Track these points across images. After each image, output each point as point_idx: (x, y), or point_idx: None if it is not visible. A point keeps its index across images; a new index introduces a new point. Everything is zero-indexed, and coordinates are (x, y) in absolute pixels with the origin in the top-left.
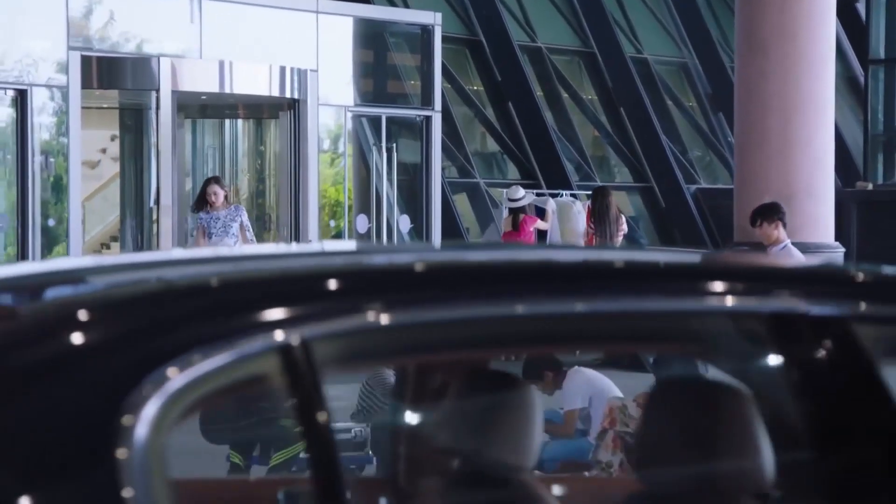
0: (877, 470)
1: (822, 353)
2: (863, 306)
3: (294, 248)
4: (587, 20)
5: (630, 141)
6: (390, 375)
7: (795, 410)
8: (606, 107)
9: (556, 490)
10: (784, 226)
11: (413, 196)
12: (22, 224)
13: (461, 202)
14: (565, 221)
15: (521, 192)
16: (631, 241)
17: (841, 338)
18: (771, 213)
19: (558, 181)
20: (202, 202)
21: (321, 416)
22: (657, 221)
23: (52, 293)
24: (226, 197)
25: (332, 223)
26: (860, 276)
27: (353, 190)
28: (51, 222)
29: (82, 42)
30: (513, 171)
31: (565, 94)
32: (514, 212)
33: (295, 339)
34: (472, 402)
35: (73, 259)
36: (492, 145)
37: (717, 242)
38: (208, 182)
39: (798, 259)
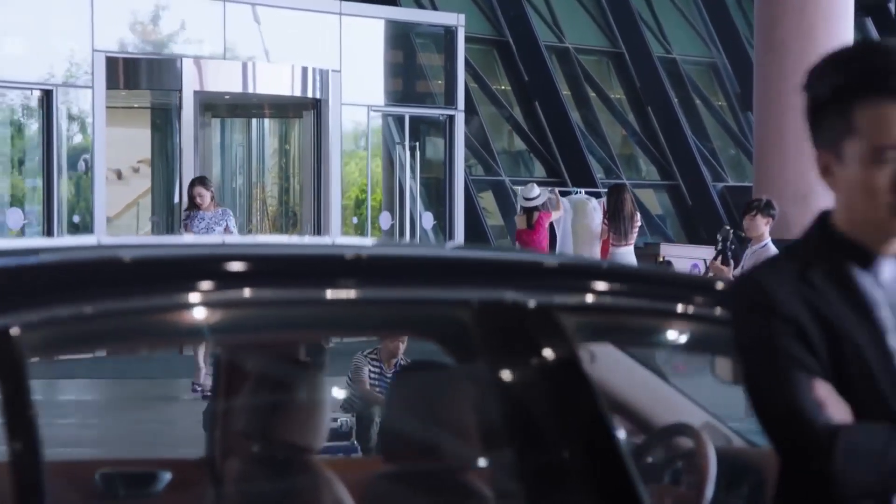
0: (574, 453)
1: (526, 339)
2: (571, 296)
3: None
4: (615, 20)
5: (657, 139)
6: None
7: (506, 392)
8: (634, 106)
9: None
10: (771, 223)
11: (437, 194)
12: (48, 220)
13: (487, 200)
14: (581, 218)
15: (535, 190)
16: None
17: (545, 325)
18: (767, 208)
19: (583, 179)
20: (190, 203)
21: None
22: (683, 219)
23: None
24: (212, 198)
25: (355, 220)
26: (567, 267)
27: (377, 187)
28: (76, 219)
29: (107, 43)
30: (539, 170)
31: (592, 94)
32: (529, 210)
33: None
34: (268, 388)
35: None
36: (518, 144)
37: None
38: (193, 183)
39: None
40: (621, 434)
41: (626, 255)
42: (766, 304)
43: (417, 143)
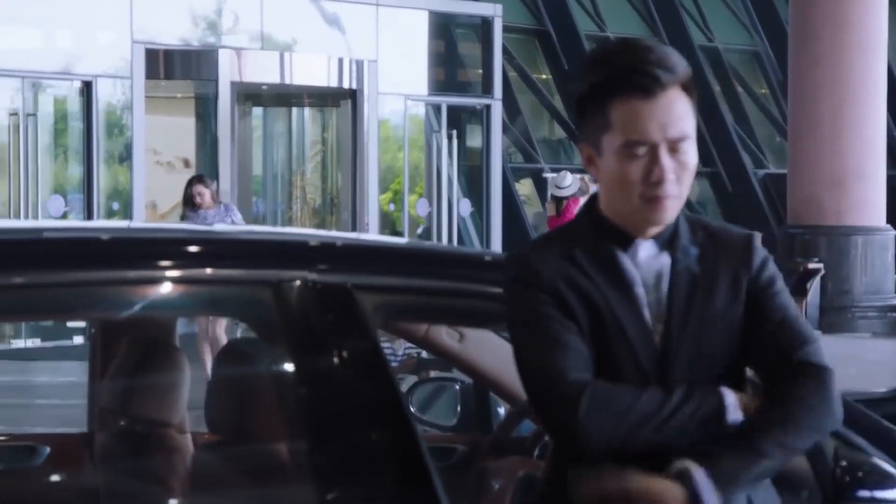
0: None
1: (324, 318)
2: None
3: None
4: (657, 9)
5: (697, 127)
6: None
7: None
8: None
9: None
10: None
11: (474, 181)
12: (88, 209)
13: (526, 187)
14: None
15: (568, 179)
16: None
17: (342, 305)
18: None
19: None
20: (190, 202)
21: None
22: (723, 206)
23: None
24: (212, 196)
25: (392, 207)
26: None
27: (415, 175)
28: (115, 206)
29: (146, 34)
30: (578, 158)
31: None
32: (559, 198)
33: None
34: (130, 366)
35: None
36: (558, 132)
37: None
38: (191, 182)
39: None
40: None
41: None
42: (532, 279)
43: (455, 132)
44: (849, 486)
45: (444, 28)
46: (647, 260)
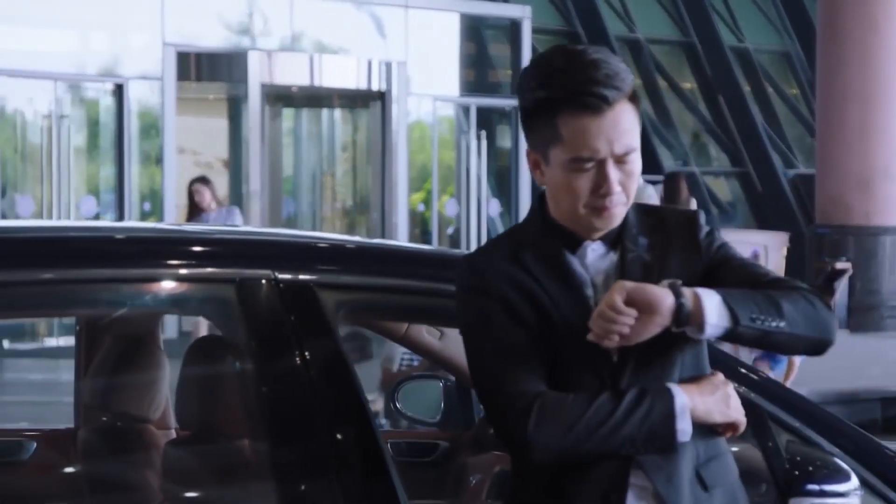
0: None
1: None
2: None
3: None
4: (687, 10)
5: (727, 128)
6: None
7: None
8: (705, 95)
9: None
10: None
11: (504, 182)
12: (120, 209)
13: None
14: None
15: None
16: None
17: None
18: None
19: (651, 167)
20: (191, 205)
21: None
22: (753, 205)
23: None
24: (214, 198)
25: (422, 207)
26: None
27: (444, 176)
28: (146, 206)
29: (177, 37)
30: None
31: (663, 83)
32: None
33: None
34: (111, 364)
35: None
36: None
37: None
38: (192, 182)
39: None
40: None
41: None
42: (479, 286)
43: (484, 133)
44: (798, 479)
45: (474, 30)
46: (595, 261)
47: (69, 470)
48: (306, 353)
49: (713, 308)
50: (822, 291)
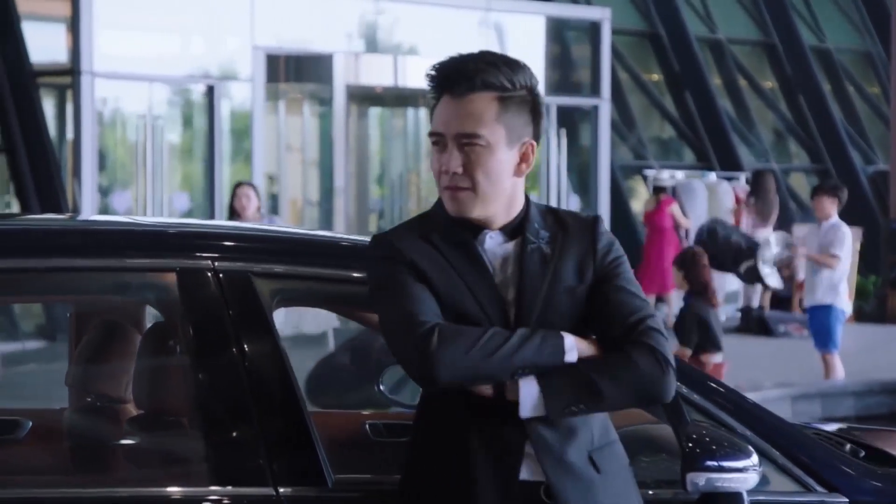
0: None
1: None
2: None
3: None
4: (768, 11)
5: (808, 126)
6: None
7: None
8: (785, 95)
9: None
10: (840, 205)
11: (583, 179)
12: (211, 206)
13: (638, 184)
14: (712, 201)
15: (665, 175)
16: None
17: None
18: (833, 190)
19: (732, 164)
20: (231, 209)
21: None
22: None
23: None
24: (259, 208)
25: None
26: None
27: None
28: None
29: (266, 40)
30: (688, 156)
31: (744, 83)
32: (657, 191)
33: None
34: (92, 349)
35: None
36: (668, 131)
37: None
38: (238, 185)
39: (845, 234)
40: None
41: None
42: (392, 255)
43: (564, 131)
44: (698, 455)
45: (554, 31)
46: (493, 247)
47: (58, 447)
48: (242, 339)
49: (528, 400)
50: (893, 286)
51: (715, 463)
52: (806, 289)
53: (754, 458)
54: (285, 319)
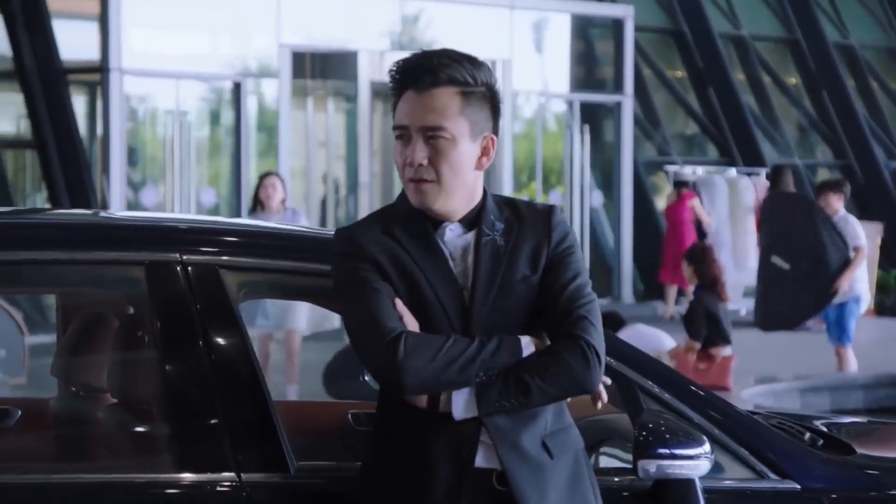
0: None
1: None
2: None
3: None
4: (792, 7)
5: (831, 122)
6: None
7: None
8: (809, 91)
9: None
10: (846, 199)
11: (607, 174)
12: (238, 200)
13: (660, 180)
14: (733, 196)
15: (687, 170)
16: None
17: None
18: (838, 186)
19: (754, 160)
20: (255, 200)
21: None
22: (855, 196)
23: None
24: (283, 200)
25: (526, 198)
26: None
27: (550, 169)
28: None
29: (292, 38)
30: (712, 151)
31: (767, 79)
32: (678, 186)
33: None
34: (75, 340)
35: None
36: (691, 127)
37: None
38: (266, 175)
39: (856, 226)
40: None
41: None
42: (353, 251)
43: (588, 127)
44: (650, 443)
45: (577, 29)
46: (452, 239)
47: (40, 435)
48: (209, 330)
49: (460, 401)
50: None
51: (667, 451)
52: None
53: (706, 447)
54: (310, 314)
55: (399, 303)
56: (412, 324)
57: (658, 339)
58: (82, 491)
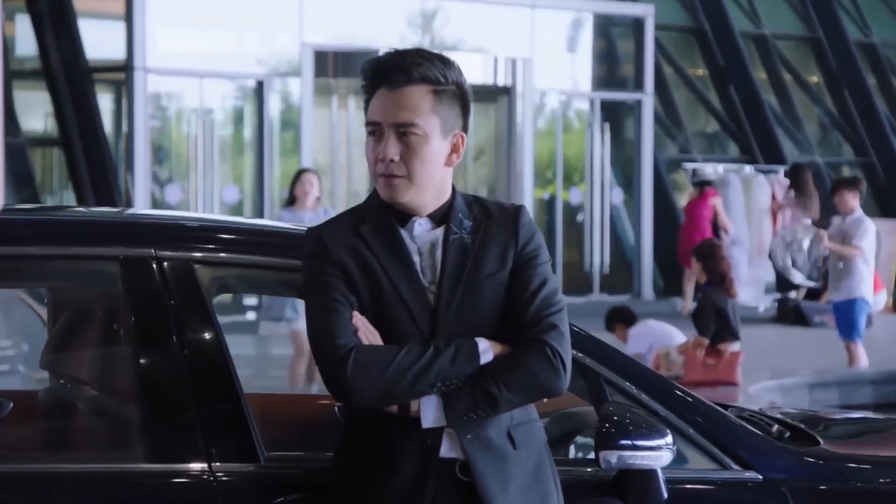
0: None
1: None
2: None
3: None
4: (813, 5)
5: (852, 120)
6: None
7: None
8: (830, 89)
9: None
10: (862, 197)
11: (627, 172)
12: (260, 198)
13: (681, 178)
14: (749, 193)
15: (707, 169)
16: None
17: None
18: (853, 184)
19: (775, 158)
20: (291, 196)
21: None
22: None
23: None
24: (318, 199)
25: (547, 196)
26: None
27: (570, 166)
28: (285, 194)
29: (314, 36)
30: (732, 149)
31: (788, 77)
32: (700, 185)
33: None
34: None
35: None
36: (712, 125)
37: None
38: (302, 171)
39: (868, 228)
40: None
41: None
42: (322, 252)
43: (608, 125)
44: (613, 435)
45: (598, 27)
46: (421, 234)
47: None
48: (183, 324)
49: (429, 411)
50: None
51: (629, 442)
52: (830, 280)
53: (668, 438)
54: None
55: (357, 315)
56: (370, 335)
57: (668, 334)
58: (59, 480)
